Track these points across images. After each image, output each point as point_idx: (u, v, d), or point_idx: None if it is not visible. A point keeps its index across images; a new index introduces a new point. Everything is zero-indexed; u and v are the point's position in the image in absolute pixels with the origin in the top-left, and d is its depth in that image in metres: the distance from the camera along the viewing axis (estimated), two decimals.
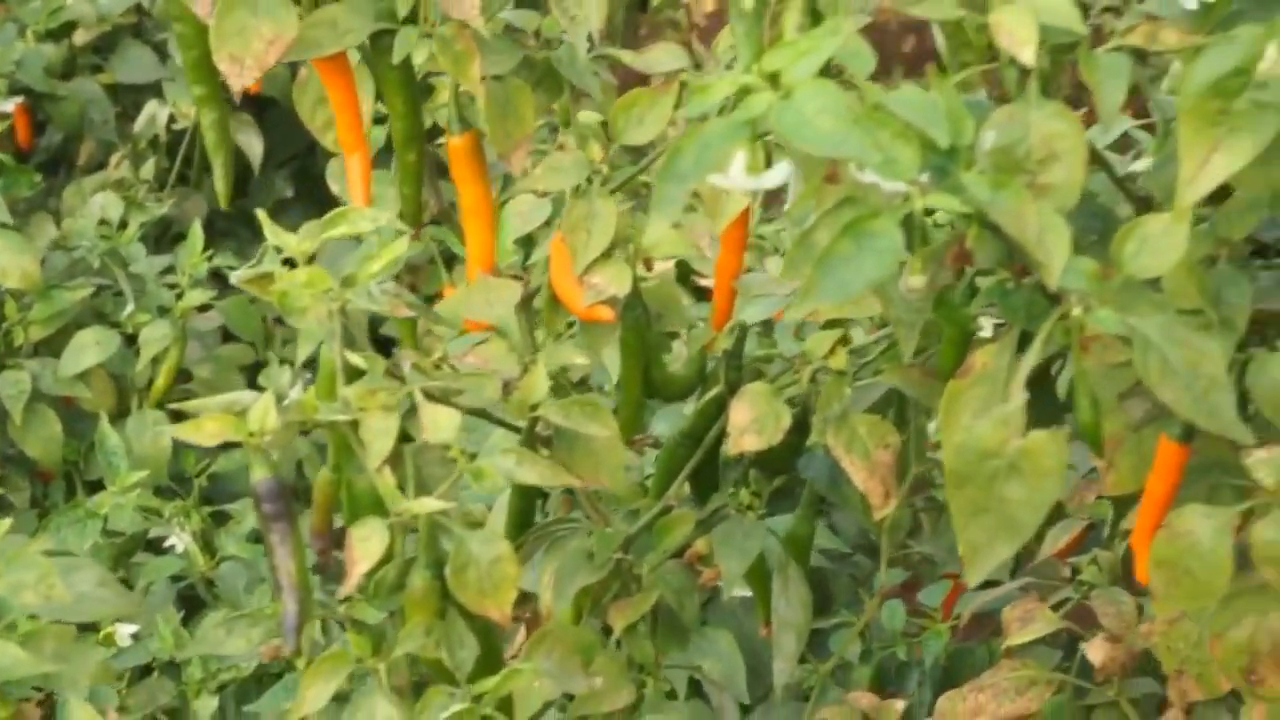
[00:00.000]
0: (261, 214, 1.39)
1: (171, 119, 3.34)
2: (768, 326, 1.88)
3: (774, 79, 1.12)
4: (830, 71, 1.16)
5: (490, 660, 1.31)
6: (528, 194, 1.69)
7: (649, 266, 1.59)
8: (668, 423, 1.87)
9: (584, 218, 1.53)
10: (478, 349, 1.47)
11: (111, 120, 3.48)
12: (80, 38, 3.50)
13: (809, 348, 1.60)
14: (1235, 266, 1.25)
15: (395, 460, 1.26)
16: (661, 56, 1.59)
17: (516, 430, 1.51)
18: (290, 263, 1.34)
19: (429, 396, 1.29)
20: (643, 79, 1.59)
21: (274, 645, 1.29)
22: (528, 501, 1.54)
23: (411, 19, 1.52)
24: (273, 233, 1.34)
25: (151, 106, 3.35)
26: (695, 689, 2.02)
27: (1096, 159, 1.39)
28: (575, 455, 1.44)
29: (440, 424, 1.27)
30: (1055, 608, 1.79)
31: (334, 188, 3.00)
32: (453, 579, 1.27)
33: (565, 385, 1.60)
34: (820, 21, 1.22)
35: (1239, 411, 1.27)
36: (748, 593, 1.83)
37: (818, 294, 1.08)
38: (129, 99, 3.50)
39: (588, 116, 1.56)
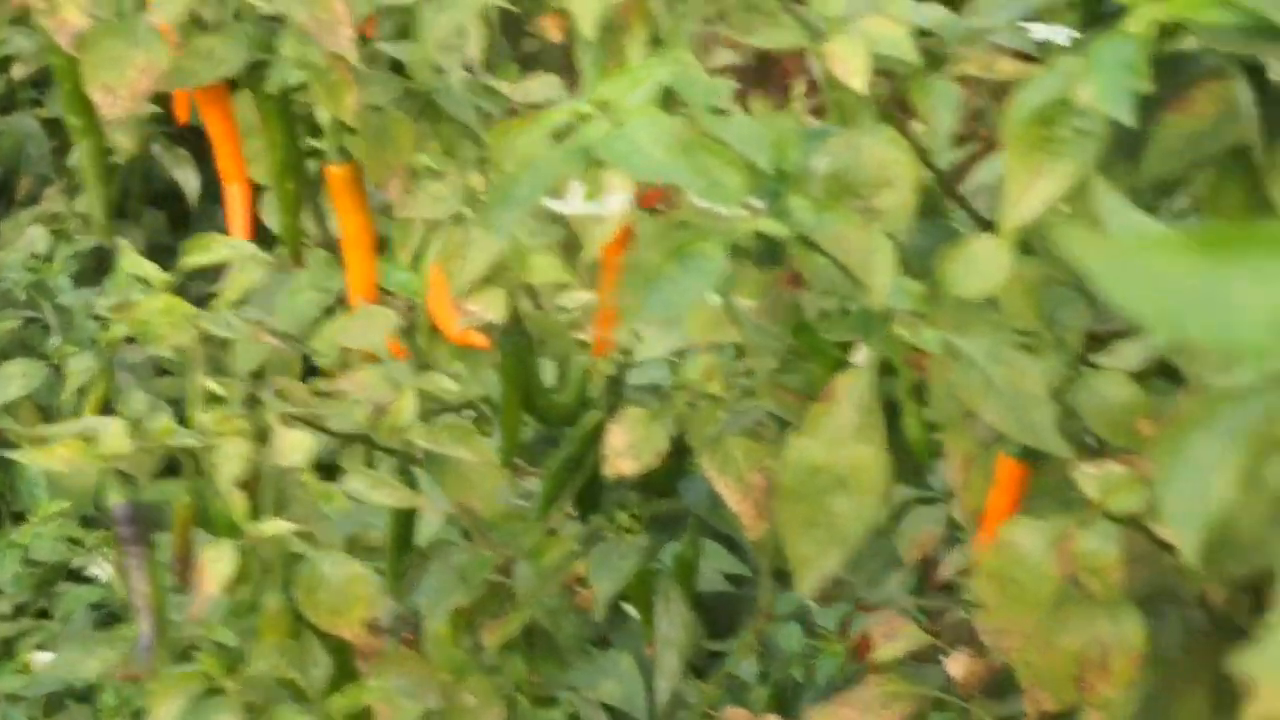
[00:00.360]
0: (123, 243, 1.41)
1: (109, 152, 3.35)
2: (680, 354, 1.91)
3: (607, 108, 1.15)
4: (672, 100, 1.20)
5: (345, 679, 1.33)
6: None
7: (530, 294, 1.62)
8: None
9: (460, 244, 1.56)
10: (351, 375, 1.50)
11: (48, 154, 3.50)
12: (18, 72, 3.52)
13: (685, 373, 1.63)
14: (1071, 288, 1.28)
15: (253, 483, 1.29)
16: (538, 86, 1.62)
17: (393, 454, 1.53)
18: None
19: (293, 421, 1.32)
20: None
21: (131, 666, 1.31)
22: (404, 523, 1.57)
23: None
24: (132, 262, 1.37)
25: None
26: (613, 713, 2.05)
27: (942, 183, 1.42)
28: (446, 478, 1.47)
29: (295, 447, 1.30)
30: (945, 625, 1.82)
31: (267, 220, 3.03)
32: (303, 600, 1.29)
33: (451, 407, 1.63)
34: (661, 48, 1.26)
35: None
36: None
37: (643, 312, 1.11)
38: (66, 133, 3.52)
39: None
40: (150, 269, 1.38)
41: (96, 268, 3.35)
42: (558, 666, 1.59)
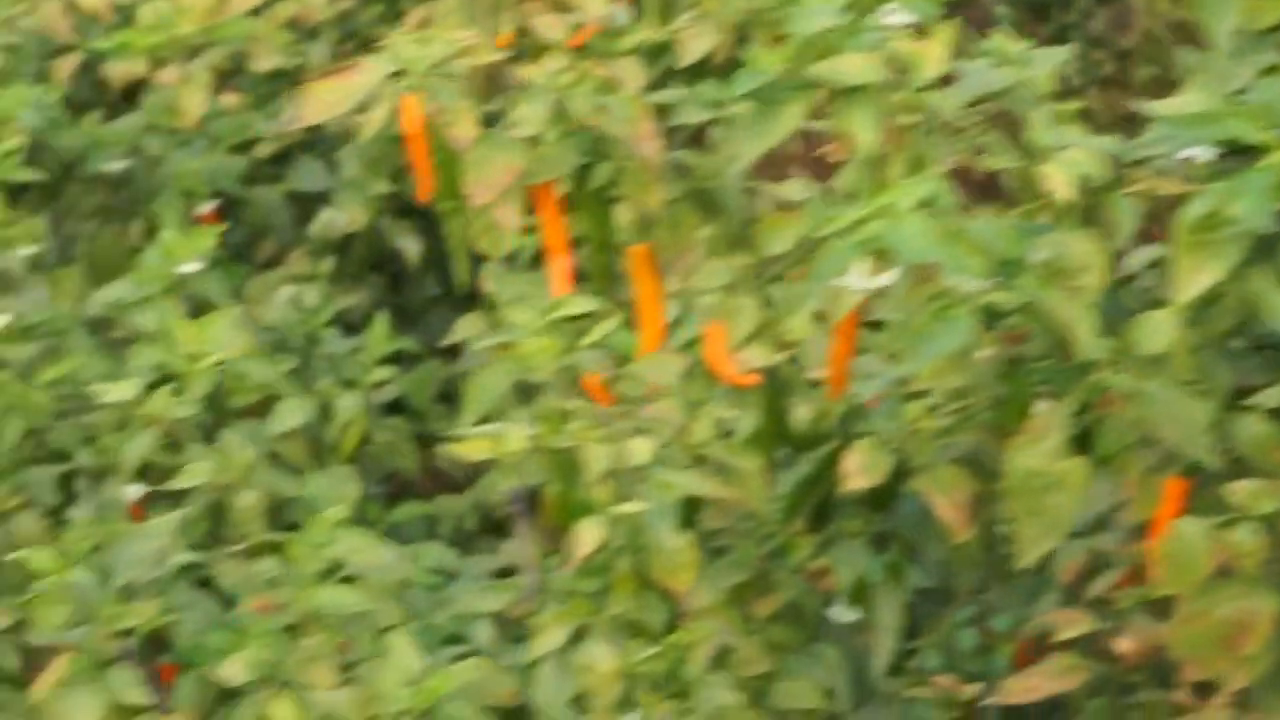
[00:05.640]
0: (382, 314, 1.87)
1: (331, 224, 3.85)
2: None
3: (885, 210, 1.62)
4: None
5: (674, 622, 1.78)
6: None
7: (784, 347, 2.08)
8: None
9: (735, 308, 2.02)
10: (654, 404, 1.96)
11: (289, 224, 3.99)
12: (261, 151, 4.02)
13: (906, 414, 2.08)
14: (1218, 351, 1.72)
15: (606, 477, 1.74)
16: (795, 189, 2.09)
17: None
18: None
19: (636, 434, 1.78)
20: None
21: (520, 606, 1.77)
22: (689, 513, 2.01)
23: (606, 155, 2.02)
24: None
25: (329, 213, 3.87)
26: None
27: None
28: (730, 481, 1.93)
29: (639, 452, 1.76)
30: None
31: (488, 286, 3.51)
32: (649, 562, 1.74)
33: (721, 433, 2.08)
34: (917, 169, 1.72)
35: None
36: (853, 618, 2.29)
37: (915, 358, 1.57)
38: (298, 205, 4.02)
39: None
40: (529, 317, 1.85)
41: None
42: (806, 635, 2.03)
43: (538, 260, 3.41)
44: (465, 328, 3.56)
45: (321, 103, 1.89)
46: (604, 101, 1.95)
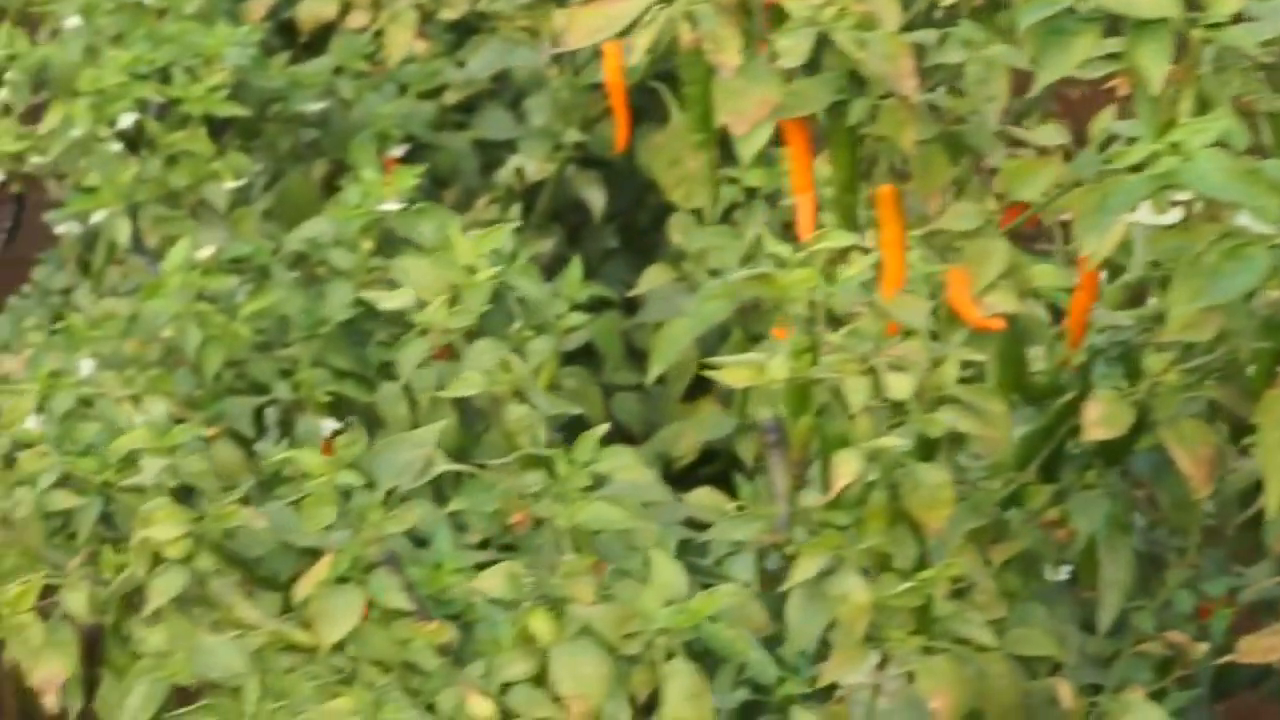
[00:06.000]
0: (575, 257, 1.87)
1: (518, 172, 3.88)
2: None
3: (1177, 147, 1.59)
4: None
5: (920, 559, 1.77)
6: None
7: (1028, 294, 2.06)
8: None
9: (981, 252, 2.00)
10: (901, 345, 1.95)
11: (476, 170, 4.03)
12: (449, 98, 4.06)
13: (1148, 366, 2.05)
14: None
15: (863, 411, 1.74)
16: (1048, 134, 2.06)
17: None
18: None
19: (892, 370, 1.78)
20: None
21: (772, 535, 1.77)
22: (930, 451, 1.99)
23: (861, 92, 2.00)
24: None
25: (517, 159, 3.90)
26: None
27: None
28: (979, 422, 1.91)
29: (899, 386, 1.75)
30: None
31: (675, 238, 3.52)
32: (906, 497, 1.73)
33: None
34: (1204, 108, 1.69)
35: None
36: (1064, 575, 2.27)
37: (1207, 295, 1.54)
38: (483, 154, 4.05)
39: None
40: (785, 250, 1.85)
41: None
42: (1037, 582, 2.02)
43: (728, 214, 3.42)
44: (650, 278, 3.58)
45: (587, 27, 1.89)
46: (865, 37, 1.93)
